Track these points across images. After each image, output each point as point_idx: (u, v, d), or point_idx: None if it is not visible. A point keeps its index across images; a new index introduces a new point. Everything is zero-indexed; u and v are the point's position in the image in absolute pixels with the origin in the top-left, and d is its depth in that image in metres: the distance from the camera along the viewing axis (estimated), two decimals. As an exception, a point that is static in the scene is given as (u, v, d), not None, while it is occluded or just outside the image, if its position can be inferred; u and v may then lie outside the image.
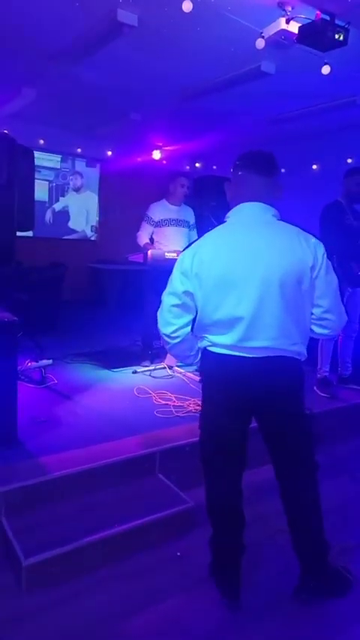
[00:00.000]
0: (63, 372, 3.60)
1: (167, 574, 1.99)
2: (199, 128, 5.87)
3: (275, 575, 1.98)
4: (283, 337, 1.66)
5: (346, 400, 3.48)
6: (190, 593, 1.88)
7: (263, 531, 2.20)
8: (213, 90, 4.34)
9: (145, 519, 2.14)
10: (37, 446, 2.47)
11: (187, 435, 2.64)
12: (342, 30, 2.76)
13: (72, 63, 3.91)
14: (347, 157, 5.58)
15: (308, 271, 1.65)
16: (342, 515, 2.46)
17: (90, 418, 2.88)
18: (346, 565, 2.01)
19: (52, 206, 7.27)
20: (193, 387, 3.49)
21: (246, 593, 1.84)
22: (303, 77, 3.88)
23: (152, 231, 3.89)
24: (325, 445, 3.10)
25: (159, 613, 1.79)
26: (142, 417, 2.92)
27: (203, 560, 1.93)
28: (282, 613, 1.80)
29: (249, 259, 1.64)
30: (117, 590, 1.89)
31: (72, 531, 2.01)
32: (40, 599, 1.82)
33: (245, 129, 5.74)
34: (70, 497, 2.22)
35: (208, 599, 1.83)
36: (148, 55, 3.73)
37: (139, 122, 5.57)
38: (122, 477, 2.38)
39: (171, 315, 1.77)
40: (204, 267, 1.67)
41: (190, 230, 3.98)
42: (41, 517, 2.11)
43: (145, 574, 1.98)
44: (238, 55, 3.60)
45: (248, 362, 1.67)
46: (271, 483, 2.65)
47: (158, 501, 2.27)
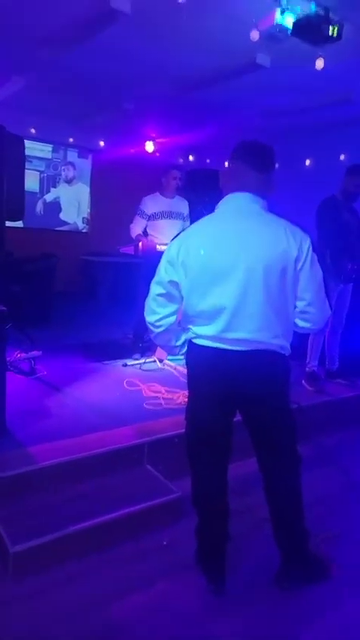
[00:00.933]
0: (53, 363, 3.60)
1: (154, 562, 2.02)
2: (192, 120, 5.84)
3: (260, 562, 2.02)
4: (265, 329, 1.67)
5: (333, 394, 3.52)
6: (176, 579, 1.92)
7: (250, 521, 2.24)
8: (207, 82, 4.32)
9: (132, 508, 2.16)
10: (25, 436, 2.47)
11: (175, 426, 2.65)
12: (336, 24, 2.76)
13: (63, 50, 3.85)
14: (340, 153, 5.60)
15: (292, 263, 1.66)
16: (328, 504, 2.51)
17: (79, 409, 2.88)
18: (328, 553, 2.06)
19: (43, 197, 7.20)
20: (183, 379, 3.49)
21: (231, 580, 1.88)
22: (298, 71, 3.87)
23: (146, 224, 3.87)
24: (313, 437, 3.15)
25: (145, 598, 1.82)
26: (132, 408, 2.93)
27: (189, 548, 1.96)
28: (265, 598, 1.85)
29: (233, 249, 1.65)
30: (104, 576, 1.92)
31: (59, 520, 2.03)
32: (28, 586, 1.84)
33: (239, 122, 5.72)
34: (58, 486, 2.23)
35: (194, 585, 1.87)
36: (142, 43, 3.69)
37: (132, 112, 5.52)
38: (110, 467, 2.40)
39: (156, 304, 1.80)
40: (190, 256, 1.69)
41: (184, 222, 3.97)
42: (29, 505, 2.12)
43: (132, 561, 2.01)
44: (233, 47, 3.57)
45: (231, 355, 1.69)
46: (258, 475, 2.69)
47: (146, 491, 2.30)
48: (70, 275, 7.10)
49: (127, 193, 3.96)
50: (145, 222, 3.86)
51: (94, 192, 7.58)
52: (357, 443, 3.32)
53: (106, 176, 7.40)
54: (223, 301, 1.65)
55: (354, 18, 2.89)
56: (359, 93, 4.15)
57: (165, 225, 3.84)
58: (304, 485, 1.91)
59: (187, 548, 1.97)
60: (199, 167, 7.18)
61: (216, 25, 3.26)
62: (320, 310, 1.75)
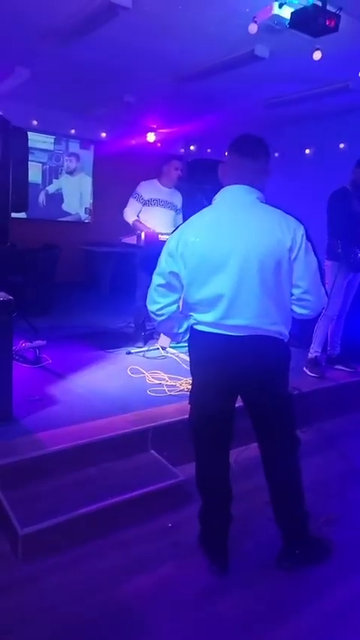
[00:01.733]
0: (57, 352, 3.65)
1: (159, 544, 2.07)
2: (193, 111, 5.82)
3: (262, 543, 2.07)
4: (263, 316, 1.73)
5: (334, 380, 3.57)
6: (180, 561, 1.97)
7: (252, 504, 2.29)
8: (207, 73, 4.30)
9: (137, 492, 2.21)
10: (32, 422, 2.53)
11: (178, 412, 2.71)
12: (333, 16, 2.76)
13: (66, 43, 3.85)
14: (340, 142, 5.59)
15: (287, 252, 1.71)
16: (328, 488, 2.57)
17: (84, 396, 2.94)
18: (328, 534, 2.12)
19: (46, 188, 7.21)
20: (186, 367, 3.55)
21: (234, 561, 1.93)
22: (296, 62, 3.85)
23: (140, 209, 3.87)
24: (314, 423, 3.20)
25: (150, 579, 1.88)
26: (136, 395, 2.99)
27: (193, 531, 2.02)
28: (267, 578, 1.90)
29: (229, 239, 1.71)
30: (109, 558, 1.97)
31: (66, 503, 2.09)
32: (36, 567, 1.90)
33: (240, 112, 5.71)
34: (64, 471, 2.29)
35: (198, 567, 1.92)
36: (143, 36, 3.68)
37: (134, 104, 5.51)
38: (116, 453, 2.45)
39: (157, 294, 1.88)
40: (188, 247, 1.75)
41: (176, 214, 3.99)
42: (36, 490, 2.18)
43: (137, 544, 2.07)
44: (232, 39, 3.57)
45: (230, 340, 1.75)
46: (258, 460, 2.74)
47: (150, 476, 2.35)
48: (73, 265, 7.13)
49: (129, 183, 3.97)
50: (140, 207, 3.84)
51: (96, 182, 7.57)
52: (357, 428, 3.38)
53: (108, 167, 7.39)
54: (221, 290, 1.71)
55: (351, 9, 2.89)
56: (357, 81, 4.13)
57: (158, 213, 3.85)
58: (305, 470, 1.96)
59: (192, 530, 2.03)
60: (200, 157, 7.17)
61: (215, 17, 3.26)
62: (317, 297, 1.80)
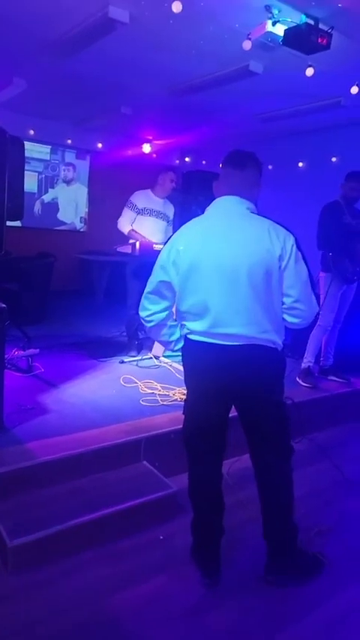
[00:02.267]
0: (50, 361, 3.64)
1: (150, 556, 2.06)
2: (189, 123, 5.90)
3: (254, 556, 2.06)
4: (253, 324, 1.74)
5: (327, 390, 3.59)
6: (172, 573, 1.96)
7: (243, 515, 2.29)
8: (203, 87, 4.37)
9: (128, 504, 2.20)
10: (23, 432, 2.51)
11: (171, 422, 2.70)
12: (325, 34, 2.84)
13: (64, 55, 3.90)
14: (332, 156, 5.69)
15: (276, 261, 1.73)
16: (320, 499, 2.57)
17: (76, 406, 2.93)
18: (321, 546, 2.12)
19: (41, 197, 7.24)
20: (179, 376, 3.55)
21: (225, 574, 1.92)
22: (290, 77, 3.94)
23: (135, 218, 3.89)
24: (306, 433, 3.21)
25: (141, 591, 1.86)
26: (128, 405, 2.98)
27: (185, 543, 2.00)
28: (259, 592, 1.89)
29: (218, 249, 1.74)
30: (100, 570, 1.95)
31: (57, 514, 2.06)
32: (25, 580, 1.87)
33: (234, 125, 5.80)
34: (55, 482, 2.27)
35: (189, 580, 1.90)
36: (139, 50, 3.75)
37: (130, 116, 5.57)
38: (107, 463, 2.44)
39: (147, 301, 1.91)
40: (179, 256, 1.79)
41: (168, 224, 4.02)
42: (27, 501, 2.16)
43: (128, 556, 2.05)
44: (227, 55, 3.64)
45: (222, 349, 1.76)
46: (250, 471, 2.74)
47: (142, 487, 2.33)
48: (68, 274, 7.14)
49: (125, 194, 4.00)
50: (135, 216, 3.86)
51: (91, 192, 7.62)
52: (349, 439, 3.39)
53: (104, 177, 7.45)
54: (211, 298, 1.74)
55: (342, 27, 2.97)
56: (348, 98, 4.22)
57: (150, 223, 3.87)
58: (298, 480, 1.96)
59: (183, 542, 2.01)
60: (195, 168, 7.25)
61: (210, 34, 3.33)
62: (308, 306, 1.81)
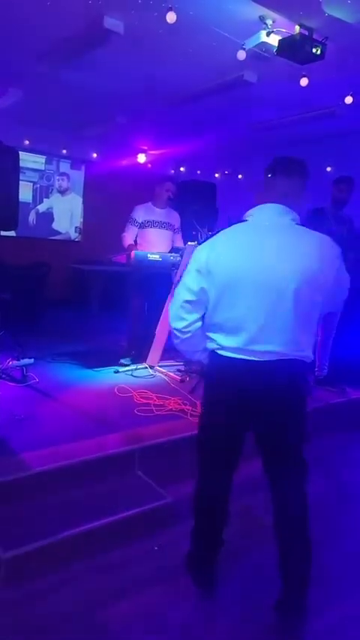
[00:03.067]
0: (44, 371, 3.62)
1: (144, 567, 2.03)
2: (183, 133, 5.95)
3: (249, 568, 2.04)
4: (292, 342, 1.65)
5: (321, 400, 3.58)
6: (165, 585, 1.92)
7: (243, 526, 2.26)
8: (197, 97, 4.42)
9: (122, 514, 2.17)
10: (17, 442, 2.48)
11: (166, 433, 2.69)
12: (319, 45, 2.88)
13: (60, 65, 3.94)
14: (327, 165, 5.74)
15: (324, 280, 1.64)
16: (315, 510, 2.53)
17: (70, 416, 2.90)
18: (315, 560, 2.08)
19: (36, 207, 7.25)
20: (174, 386, 3.54)
21: (221, 585, 1.90)
22: (284, 87, 3.99)
23: (137, 232, 3.94)
24: (301, 444, 3.20)
25: (134, 604, 1.83)
26: (123, 415, 2.96)
27: (179, 554, 1.97)
28: (254, 605, 1.86)
29: (264, 264, 1.62)
30: (94, 582, 1.92)
31: (51, 526, 2.04)
32: (18, 592, 1.84)
33: (229, 135, 5.85)
34: (48, 492, 2.24)
35: (184, 592, 1.87)
36: (134, 61, 3.79)
37: (125, 125, 5.62)
38: (102, 474, 2.41)
39: (183, 311, 1.76)
40: (216, 265, 1.67)
41: (174, 233, 4.04)
42: (20, 512, 2.13)
43: (122, 567, 2.02)
44: (222, 64, 3.69)
45: (254, 365, 1.66)
46: (254, 479, 2.72)
47: (136, 497, 2.31)
48: (63, 283, 7.12)
49: (120, 203, 4.03)
50: (136, 230, 3.92)
51: (86, 202, 7.64)
52: (345, 449, 3.37)
53: (99, 186, 7.47)
54: (249, 314, 1.63)
55: (336, 38, 3.01)
56: (343, 108, 4.28)
57: (154, 234, 3.90)
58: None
59: (178, 553, 1.98)
60: (190, 178, 7.29)
61: (204, 44, 3.37)
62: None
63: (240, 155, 6.75)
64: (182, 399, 3.21)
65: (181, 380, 3.66)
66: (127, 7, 2.94)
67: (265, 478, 1.85)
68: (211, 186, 4.51)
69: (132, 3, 2.89)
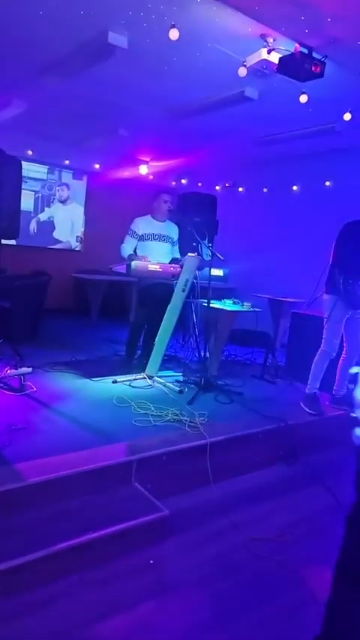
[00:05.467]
0: (43, 380, 3.60)
1: (139, 581, 1.99)
2: (185, 146, 6.02)
3: (242, 582, 2.01)
4: None
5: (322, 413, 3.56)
6: (160, 600, 1.89)
7: (236, 539, 2.24)
8: (199, 111, 4.49)
9: (118, 527, 2.14)
10: (13, 452, 2.46)
11: (164, 444, 2.66)
12: (319, 63, 2.93)
13: (64, 78, 4.01)
14: (326, 180, 5.81)
15: None
16: (312, 524, 2.52)
17: (68, 426, 2.88)
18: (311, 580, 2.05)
19: (37, 216, 7.30)
20: (172, 397, 3.53)
21: (214, 600, 1.87)
22: (284, 103, 4.05)
23: (136, 244, 3.96)
24: (300, 456, 3.17)
25: (130, 619, 1.79)
26: (120, 425, 2.94)
27: (177, 567, 1.95)
28: (250, 621, 1.83)
29: None
30: (88, 596, 1.88)
31: (45, 537, 2.00)
32: (12, 605, 1.80)
33: (230, 149, 5.93)
34: (45, 503, 2.21)
35: (179, 607, 1.84)
36: (137, 75, 3.85)
37: (127, 138, 5.69)
38: (98, 485, 2.38)
39: None
40: None
41: (172, 246, 4.07)
42: (14, 523, 2.09)
43: (118, 580, 1.98)
44: (223, 81, 3.76)
45: None
46: (247, 493, 2.70)
47: (133, 509, 2.28)
48: (63, 292, 7.15)
49: (121, 214, 4.07)
50: (136, 242, 3.95)
51: (88, 212, 7.70)
52: (344, 463, 3.34)
53: (101, 197, 7.54)
54: None
55: (335, 56, 3.07)
56: (342, 124, 4.34)
57: (154, 247, 3.93)
58: (290, 505, 1.93)
59: (175, 567, 1.96)
60: (191, 190, 7.36)
61: (207, 60, 3.43)
62: None
63: (241, 168, 6.83)
64: (180, 410, 3.20)
65: (179, 391, 3.65)
66: (131, 23, 3.00)
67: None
68: (212, 198, 4.54)
69: (136, 19, 2.95)
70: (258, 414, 3.32)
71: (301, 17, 2.70)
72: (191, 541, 2.27)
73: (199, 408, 3.28)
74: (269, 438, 3.13)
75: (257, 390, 3.98)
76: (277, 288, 5.68)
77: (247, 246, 6.45)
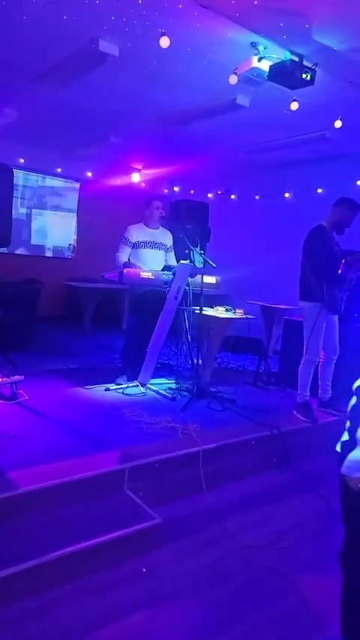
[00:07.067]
0: (35, 388, 3.57)
1: (132, 589, 1.97)
2: (177, 154, 6.05)
3: (235, 589, 2.00)
4: None
5: (315, 419, 3.55)
6: (154, 608, 1.88)
7: (229, 546, 2.23)
8: (191, 119, 4.51)
9: (111, 535, 2.12)
10: (5, 461, 2.43)
11: (157, 451, 2.65)
12: (309, 70, 2.97)
13: (55, 86, 4.02)
14: (317, 187, 5.86)
15: None
16: (306, 530, 2.51)
17: (60, 434, 2.86)
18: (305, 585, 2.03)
19: (30, 224, 7.29)
20: (165, 404, 3.51)
21: (208, 608, 1.86)
22: (275, 111, 4.09)
23: (130, 252, 3.95)
24: (294, 463, 3.17)
25: (123, 628, 1.77)
26: (113, 433, 2.92)
27: (169, 575, 1.94)
28: (243, 628, 1.82)
29: None
30: (81, 605, 1.87)
31: (37, 546, 1.98)
32: (3, 615, 1.78)
33: (222, 156, 5.97)
34: (36, 512, 2.19)
35: (172, 615, 1.83)
36: (129, 82, 3.87)
37: (119, 145, 5.71)
38: (90, 493, 2.36)
39: None
40: None
41: (166, 252, 4.07)
42: (6, 532, 2.07)
43: (110, 589, 1.97)
44: (214, 88, 3.79)
45: None
46: (241, 500, 2.68)
47: (126, 517, 2.26)
48: (55, 300, 7.12)
49: (113, 221, 4.07)
50: (129, 250, 3.94)
51: (80, 220, 7.70)
52: (336, 469, 3.34)
53: (93, 205, 7.55)
54: None
55: (326, 64, 3.11)
56: (333, 131, 4.39)
57: (148, 254, 3.93)
58: (284, 511, 1.92)
59: (167, 575, 1.95)
60: (183, 198, 7.40)
61: (197, 68, 3.46)
62: None
63: (233, 176, 6.88)
64: (173, 417, 3.18)
65: (172, 398, 3.63)
66: (122, 31, 3.03)
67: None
68: (204, 206, 4.57)
69: (127, 27, 2.97)
70: (251, 421, 3.31)
71: (290, 25, 2.74)
72: (185, 549, 2.26)
73: (192, 415, 3.27)
74: (262, 445, 3.13)
75: (250, 397, 3.98)
76: (270, 295, 5.70)
77: (239, 253, 6.48)
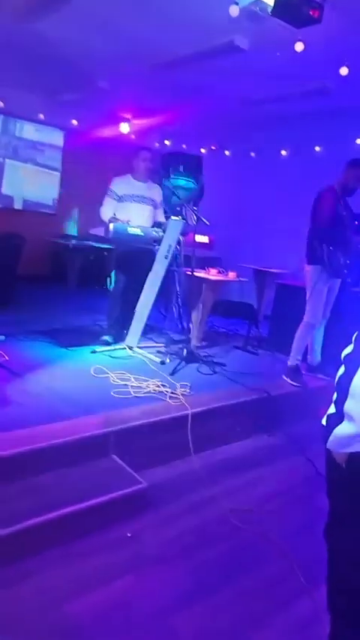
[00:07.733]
0: (16, 349, 3.46)
1: (117, 555, 1.96)
2: (170, 102, 5.72)
3: (222, 554, 2.00)
4: None
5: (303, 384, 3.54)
6: (139, 573, 1.87)
7: (214, 512, 2.23)
8: (185, 62, 4.20)
9: (95, 500, 2.09)
10: (-17, 424, 2.34)
11: (143, 415, 2.62)
12: (317, 6, 2.70)
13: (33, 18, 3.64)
14: (315, 145, 5.61)
15: None
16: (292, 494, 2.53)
17: (42, 397, 2.77)
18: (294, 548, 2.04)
19: (10, 175, 6.90)
20: (153, 367, 3.44)
21: (192, 574, 1.85)
22: (276, 56, 3.80)
23: (116, 206, 3.73)
24: (282, 427, 3.18)
25: (108, 593, 1.76)
26: (98, 396, 2.85)
27: (154, 541, 1.94)
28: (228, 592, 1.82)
29: None
30: (65, 571, 1.85)
31: (19, 512, 1.94)
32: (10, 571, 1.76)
33: (217, 108, 5.65)
34: (18, 477, 2.13)
35: (157, 580, 1.83)
36: (117, 14, 3.53)
37: (107, 91, 5.36)
38: (74, 458, 2.32)
39: None
40: None
41: (155, 209, 3.84)
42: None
43: (95, 555, 1.95)
44: (212, 24, 3.46)
45: None
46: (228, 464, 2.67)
47: (110, 482, 2.24)
48: (39, 258, 6.86)
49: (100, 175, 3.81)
50: (116, 204, 3.72)
51: (65, 173, 7.32)
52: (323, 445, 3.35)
53: (78, 157, 7.16)
54: None
55: (335, 1, 2.83)
56: (334, 81, 4.12)
57: (134, 208, 3.71)
58: (271, 475, 1.90)
59: (152, 540, 1.95)
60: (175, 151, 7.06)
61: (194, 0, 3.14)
62: None
63: (228, 131, 6.55)
64: (161, 381, 3.11)
65: (161, 362, 3.55)
66: None
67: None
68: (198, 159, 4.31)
69: None
70: (240, 385, 3.30)
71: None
72: (171, 513, 2.25)
73: (181, 380, 3.21)
74: (251, 409, 3.12)
75: (240, 362, 3.96)
76: (263, 258, 5.56)
77: (232, 213, 6.27)
